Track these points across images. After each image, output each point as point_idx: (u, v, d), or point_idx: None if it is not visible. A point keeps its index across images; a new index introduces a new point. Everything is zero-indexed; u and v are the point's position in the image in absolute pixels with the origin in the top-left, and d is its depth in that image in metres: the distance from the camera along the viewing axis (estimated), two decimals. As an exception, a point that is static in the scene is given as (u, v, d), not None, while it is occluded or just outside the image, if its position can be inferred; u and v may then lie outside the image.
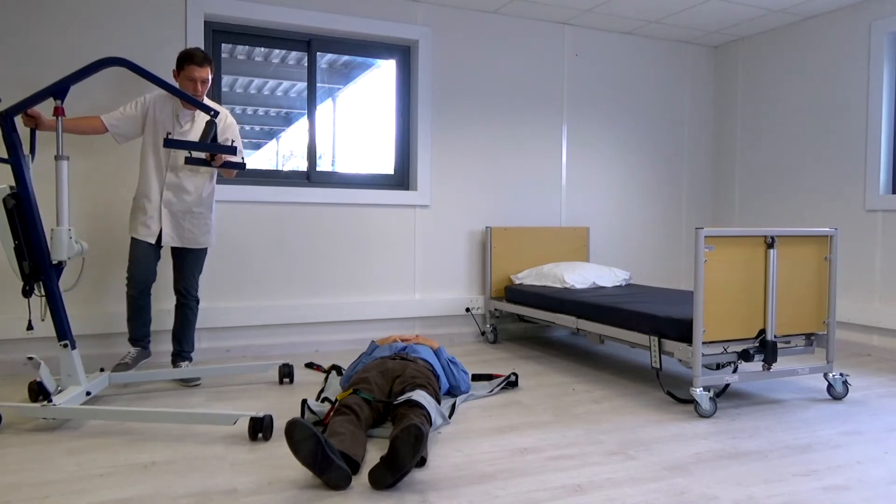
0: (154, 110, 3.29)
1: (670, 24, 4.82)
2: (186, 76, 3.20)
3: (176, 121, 3.31)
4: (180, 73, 3.23)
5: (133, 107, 3.28)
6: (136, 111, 3.27)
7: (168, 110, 3.31)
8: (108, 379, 3.12)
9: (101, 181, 3.73)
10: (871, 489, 2.10)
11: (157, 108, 3.29)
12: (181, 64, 3.21)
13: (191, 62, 3.18)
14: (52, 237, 2.77)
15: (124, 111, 3.27)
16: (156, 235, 3.30)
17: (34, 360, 2.71)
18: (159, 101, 3.30)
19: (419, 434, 2.03)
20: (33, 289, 2.75)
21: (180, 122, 3.32)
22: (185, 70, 3.20)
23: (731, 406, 3.02)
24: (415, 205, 4.48)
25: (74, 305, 3.67)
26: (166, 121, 3.29)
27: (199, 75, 3.20)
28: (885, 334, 4.16)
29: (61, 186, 2.79)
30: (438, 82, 4.52)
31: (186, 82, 3.21)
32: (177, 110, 3.32)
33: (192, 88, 3.21)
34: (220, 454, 2.37)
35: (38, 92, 2.80)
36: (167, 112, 3.30)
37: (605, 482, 2.14)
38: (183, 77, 3.22)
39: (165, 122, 3.29)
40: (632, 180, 5.17)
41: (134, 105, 3.28)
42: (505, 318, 4.64)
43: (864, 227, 4.33)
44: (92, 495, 2.02)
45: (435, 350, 3.18)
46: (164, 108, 3.30)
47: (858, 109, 4.36)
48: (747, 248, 2.99)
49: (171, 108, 3.31)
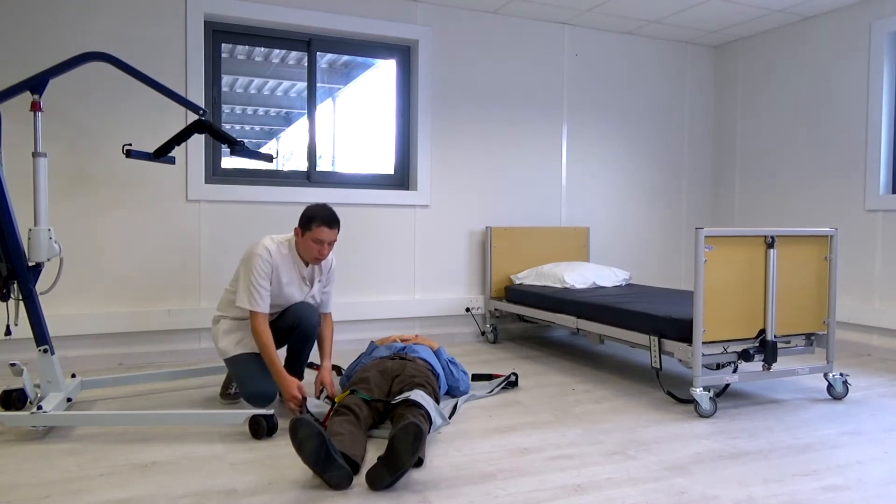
0: (278, 274, 2.87)
1: (670, 24, 4.82)
2: (313, 237, 2.82)
3: (303, 282, 2.96)
4: (305, 232, 2.83)
5: (265, 279, 2.82)
6: (269, 285, 2.84)
7: (293, 273, 2.92)
8: (80, 385, 3.00)
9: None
10: (871, 489, 2.10)
11: (281, 271, 2.87)
12: (308, 224, 2.82)
13: (321, 223, 2.81)
14: (30, 238, 2.66)
15: (265, 291, 2.80)
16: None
17: (16, 367, 2.64)
18: (281, 263, 2.88)
19: (418, 433, 2.03)
20: (10, 292, 2.62)
21: (308, 283, 2.98)
22: (312, 231, 2.81)
23: (731, 406, 3.02)
24: (415, 205, 4.47)
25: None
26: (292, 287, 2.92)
27: (328, 237, 2.84)
28: (885, 334, 4.16)
29: (39, 185, 2.68)
30: (438, 82, 4.52)
31: (311, 243, 2.83)
32: (301, 270, 2.94)
33: (317, 251, 2.85)
34: (220, 454, 2.37)
35: (15, 85, 2.68)
36: (292, 274, 2.91)
37: (605, 482, 2.14)
38: (308, 238, 2.83)
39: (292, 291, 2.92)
40: (632, 180, 5.17)
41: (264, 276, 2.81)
42: (505, 318, 4.64)
43: (864, 227, 4.33)
44: (92, 495, 2.02)
45: (435, 350, 3.18)
46: (287, 269, 2.89)
47: (858, 109, 4.36)
48: (747, 248, 2.98)
49: (295, 270, 2.92)
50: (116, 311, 3.75)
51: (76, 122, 3.67)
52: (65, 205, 3.66)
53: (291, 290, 2.91)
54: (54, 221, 3.59)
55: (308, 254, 2.87)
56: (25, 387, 2.70)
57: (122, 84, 3.73)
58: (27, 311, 2.65)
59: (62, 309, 3.65)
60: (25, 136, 3.51)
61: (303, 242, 2.86)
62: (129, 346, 3.80)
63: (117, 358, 3.77)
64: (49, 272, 2.85)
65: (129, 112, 3.77)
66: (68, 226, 3.66)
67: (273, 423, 2.56)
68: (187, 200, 3.91)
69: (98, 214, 3.73)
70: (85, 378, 3.08)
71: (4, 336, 2.73)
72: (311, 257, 2.87)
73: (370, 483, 2.05)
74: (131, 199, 3.79)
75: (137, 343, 3.81)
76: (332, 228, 2.85)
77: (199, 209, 3.94)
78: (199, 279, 3.94)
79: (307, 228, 2.83)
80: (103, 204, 3.74)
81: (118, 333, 3.76)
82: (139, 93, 3.76)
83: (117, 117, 3.75)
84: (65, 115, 3.64)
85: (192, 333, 3.92)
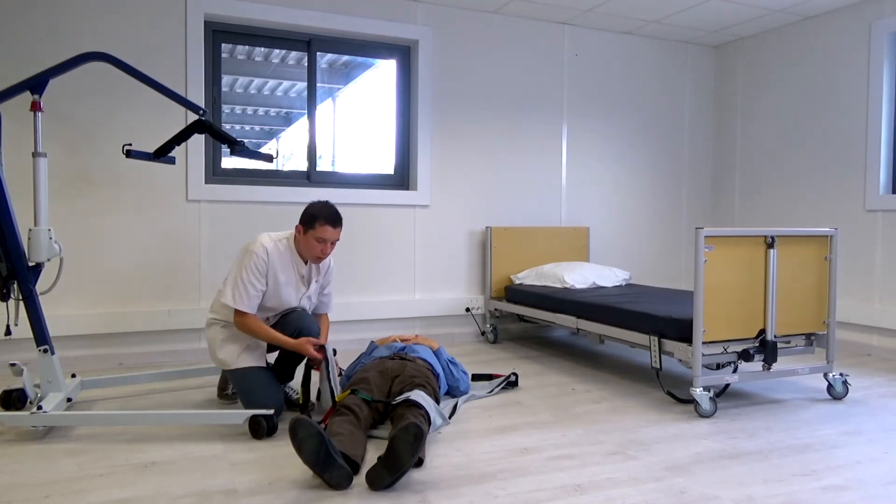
0: (275, 273, 2.79)
1: (670, 24, 4.82)
2: (316, 236, 2.76)
3: (301, 282, 2.89)
4: (307, 230, 2.77)
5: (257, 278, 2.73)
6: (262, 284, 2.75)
7: (291, 272, 2.84)
8: (80, 385, 3.01)
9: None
10: (870, 489, 2.10)
11: (278, 270, 2.80)
12: (311, 222, 2.76)
13: (324, 222, 2.76)
14: (31, 238, 2.66)
15: (254, 290, 2.72)
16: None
17: (16, 367, 2.63)
18: (278, 262, 2.80)
19: (418, 433, 2.03)
20: (10, 292, 2.62)
21: (305, 283, 2.91)
22: (315, 229, 2.75)
23: (731, 406, 3.02)
24: (415, 205, 4.47)
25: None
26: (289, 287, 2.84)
27: (331, 236, 2.79)
28: (885, 334, 4.16)
29: (39, 185, 2.67)
30: (438, 82, 4.52)
31: (314, 242, 2.77)
32: (299, 269, 2.87)
33: (319, 250, 2.80)
34: (220, 454, 2.37)
35: (15, 85, 2.69)
36: (289, 273, 2.84)
37: (605, 482, 2.14)
38: (310, 236, 2.76)
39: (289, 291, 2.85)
40: (632, 180, 5.17)
41: (257, 275, 2.73)
42: (505, 318, 4.64)
43: (864, 227, 4.33)
44: (92, 495, 2.02)
45: (435, 350, 3.18)
46: (284, 268, 2.82)
47: (858, 109, 4.36)
48: (747, 248, 2.98)
49: (293, 269, 2.85)
50: (116, 311, 3.75)
51: (76, 122, 3.67)
52: (65, 205, 3.66)
53: (288, 290, 2.83)
54: (54, 221, 3.59)
55: (310, 252, 2.81)
56: (25, 387, 2.70)
57: (122, 84, 3.73)
58: (27, 311, 2.65)
59: (62, 309, 3.65)
60: (25, 136, 3.51)
61: (304, 241, 2.80)
62: (129, 346, 3.80)
63: (117, 358, 3.77)
64: (49, 272, 2.85)
65: (129, 112, 3.78)
66: (68, 226, 3.66)
67: (273, 423, 2.56)
68: (187, 200, 3.91)
69: (98, 214, 3.73)
70: (85, 378, 3.09)
71: (4, 336, 2.71)
72: (312, 256, 2.82)
73: (370, 483, 2.05)
74: (131, 199, 3.79)
75: (137, 343, 3.81)
76: (336, 227, 2.80)
77: (199, 209, 3.94)
78: (198, 279, 3.94)
79: (310, 227, 2.77)
80: (103, 204, 3.74)
81: (118, 333, 3.76)
82: (139, 93, 3.76)
83: (117, 117, 3.75)
84: (65, 115, 3.64)
85: (192, 333, 3.92)
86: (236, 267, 2.75)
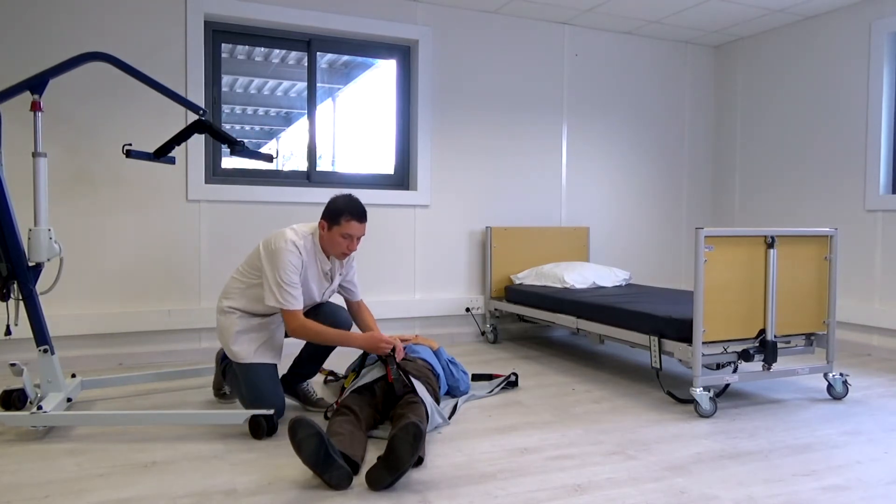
0: (305, 268, 2.74)
1: (670, 24, 4.82)
2: (342, 232, 2.69)
3: (324, 278, 2.84)
4: (332, 226, 2.70)
5: (295, 274, 2.67)
6: (299, 280, 2.70)
7: (316, 268, 2.79)
8: (80, 385, 3.01)
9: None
10: (870, 489, 2.10)
11: (308, 265, 2.75)
12: (336, 217, 2.68)
13: (350, 217, 2.68)
14: (31, 237, 2.66)
15: (295, 288, 2.66)
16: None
17: (16, 367, 2.63)
18: (307, 258, 2.73)
19: (418, 432, 2.03)
20: (10, 292, 2.62)
21: (329, 279, 2.87)
22: (340, 225, 2.68)
23: (731, 406, 3.02)
24: (415, 205, 4.47)
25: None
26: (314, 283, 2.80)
27: (357, 231, 2.72)
28: (885, 334, 4.16)
29: (39, 185, 2.67)
30: (438, 82, 4.52)
31: (339, 238, 2.71)
32: (323, 265, 2.81)
33: (345, 245, 2.73)
34: (220, 454, 2.37)
35: (15, 85, 2.68)
36: (315, 268, 2.79)
37: (605, 482, 2.14)
38: (335, 232, 2.70)
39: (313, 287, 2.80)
40: (632, 180, 5.17)
41: (294, 271, 2.67)
42: (505, 318, 4.64)
43: (864, 227, 4.33)
44: (92, 495, 2.02)
45: (435, 350, 3.18)
46: (311, 263, 2.76)
47: (858, 109, 4.36)
48: (747, 248, 2.98)
49: (317, 265, 2.79)
50: (116, 311, 3.75)
51: (76, 122, 3.67)
52: (65, 205, 3.66)
53: (312, 286, 2.77)
54: (54, 221, 3.60)
55: (335, 249, 2.73)
56: (25, 387, 2.69)
57: (122, 84, 3.73)
58: (27, 311, 2.65)
59: (62, 309, 3.65)
60: (25, 136, 3.52)
61: (329, 237, 2.71)
62: (129, 346, 3.80)
63: (117, 358, 3.77)
64: (49, 272, 2.85)
65: (129, 112, 3.78)
66: (68, 226, 3.66)
67: (273, 423, 2.55)
68: (187, 200, 3.91)
69: (98, 214, 3.73)
70: (85, 378, 3.08)
71: (4, 336, 2.71)
72: (338, 252, 2.75)
73: (370, 483, 2.05)
74: (131, 199, 3.80)
75: (137, 343, 3.82)
76: (362, 222, 2.72)
77: (199, 209, 3.94)
78: (198, 279, 3.94)
79: (335, 222, 2.68)
80: (103, 204, 3.74)
81: (118, 333, 3.76)
82: (139, 93, 3.76)
83: (117, 117, 3.75)
84: (65, 115, 3.65)
85: (191, 333, 3.92)
86: (271, 268, 2.63)
